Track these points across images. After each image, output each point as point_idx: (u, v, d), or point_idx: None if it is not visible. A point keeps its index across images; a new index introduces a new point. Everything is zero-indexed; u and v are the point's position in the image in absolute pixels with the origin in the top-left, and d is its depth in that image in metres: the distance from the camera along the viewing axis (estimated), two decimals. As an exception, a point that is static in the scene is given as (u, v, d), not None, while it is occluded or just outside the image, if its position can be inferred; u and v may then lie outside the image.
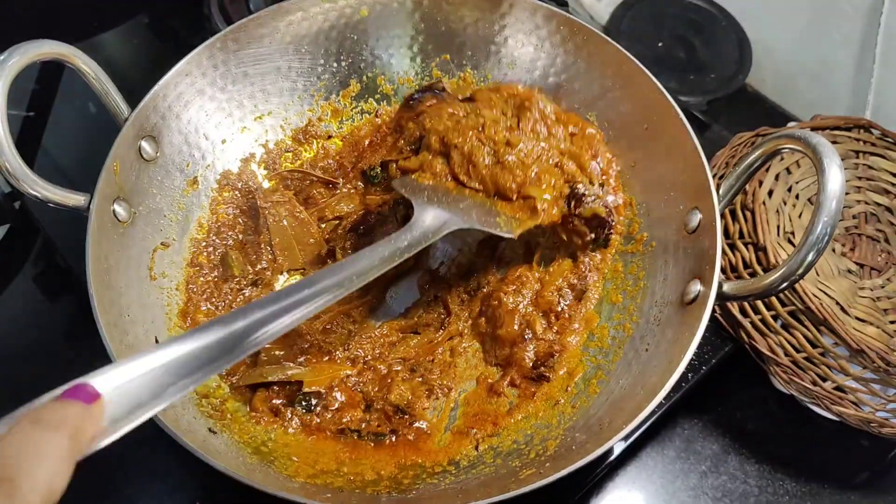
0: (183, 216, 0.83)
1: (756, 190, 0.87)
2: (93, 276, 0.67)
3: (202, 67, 0.83)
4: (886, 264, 0.89)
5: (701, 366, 0.85)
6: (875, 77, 1.07)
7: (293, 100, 0.92)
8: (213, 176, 0.87)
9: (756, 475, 0.84)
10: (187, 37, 1.10)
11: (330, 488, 0.66)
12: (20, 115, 1.03)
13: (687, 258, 0.75)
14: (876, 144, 0.94)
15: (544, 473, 0.60)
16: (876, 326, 0.81)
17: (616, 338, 0.79)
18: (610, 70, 0.86)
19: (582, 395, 0.75)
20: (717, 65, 1.13)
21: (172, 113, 0.81)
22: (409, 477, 0.70)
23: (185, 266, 0.82)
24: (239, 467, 0.61)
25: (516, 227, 0.74)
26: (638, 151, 0.85)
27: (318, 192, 0.90)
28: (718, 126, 1.13)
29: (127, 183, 0.75)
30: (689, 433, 0.86)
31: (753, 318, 0.83)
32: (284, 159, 0.92)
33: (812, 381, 0.80)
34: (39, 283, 0.92)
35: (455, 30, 0.93)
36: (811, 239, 0.60)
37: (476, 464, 0.71)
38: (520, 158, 0.76)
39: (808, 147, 0.62)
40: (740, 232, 0.86)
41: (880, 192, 0.93)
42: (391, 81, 0.95)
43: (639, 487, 0.82)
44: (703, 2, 1.18)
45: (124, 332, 0.68)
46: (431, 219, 0.71)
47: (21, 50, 0.66)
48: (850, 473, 0.86)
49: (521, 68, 0.92)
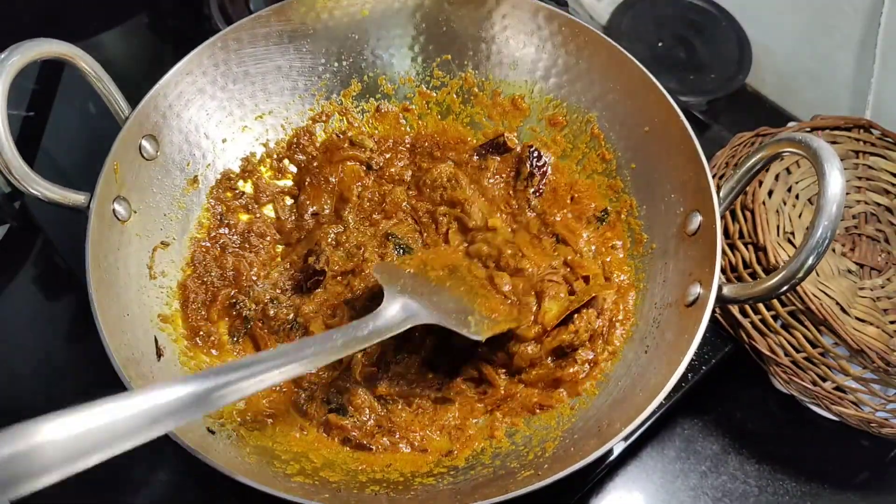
0: (183, 215, 0.83)
1: (756, 190, 0.87)
2: (92, 275, 0.67)
3: (203, 66, 0.83)
4: (886, 264, 0.89)
5: (701, 366, 0.85)
6: (875, 77, 1.07)
7: (294, 99, 0.92)
8: (213, 175, 0.87)
9: (756, 475, 0.84)
10: (187, 37, 1.10)
11: (329, 488, 0.66)
12: (20, 115, 1.03)
13: (687, 260, 0.75)
14: (876, 144, 0.94)
15: (543, 475, 0.60)
16: (876, 326, 0.81)
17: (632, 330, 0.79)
18: (611, 71, 0.86)
19: (581, 396, 0.75)
20: (717, 65, 1.13)
21: (173, 112, 0.81)
22: (409, 477, 0.70)
23: (184, 265, 0.82)
24: (238, 467, 0.61)
25: (487, 329, 0.73)
26: (638, 153, 0.85)
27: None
28: (718, 126, 1.13)
29: (127, 182, 0.75)
30: (689, 433, 0.86)
31: (753, 319, 0.83)
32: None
33: (812, 381, 0.80)
34: (39, 283, 0.92)
35: (456, 30, 0.93)
36: (811, 242, 0.60)
37: (475, 465, 0.71)
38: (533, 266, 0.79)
39: (808, 150, 0.62)
40: (740, 232, 0.86)
41: (880, 192, 0.93)
42: (392, 81, 0.95)
43: (639, 487, 0.82)
44: (703, 2, 1.18)
45: (123, 331, 0.68)
46: (397, 311, 0.69)
47: (21, 49, 0.66)
48: (850, 473, 0.86)
49: (523, 69, 0.92)
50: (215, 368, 0.55)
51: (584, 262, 0.82)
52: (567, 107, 0.91)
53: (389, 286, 0.71)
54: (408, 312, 0.69)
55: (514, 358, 0.75)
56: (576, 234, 0.85)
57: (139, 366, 0.67)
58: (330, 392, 0.75)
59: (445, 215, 0.87)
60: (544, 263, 0.80)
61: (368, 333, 0.66)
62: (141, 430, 0.48)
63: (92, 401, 0.46)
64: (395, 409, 0.75)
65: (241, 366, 0.55)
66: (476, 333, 0.71)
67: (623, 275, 0.82)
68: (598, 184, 0.88)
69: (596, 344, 0.77)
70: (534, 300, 0.77)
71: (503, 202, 0.89)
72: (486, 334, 0.72)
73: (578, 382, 0.75)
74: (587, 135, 0.90)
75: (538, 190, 0.89)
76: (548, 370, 0.76)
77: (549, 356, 0.77)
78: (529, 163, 0.89)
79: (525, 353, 0.75)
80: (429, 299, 0.73)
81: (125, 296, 0.72)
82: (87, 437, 0.44)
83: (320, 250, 0.82)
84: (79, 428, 0.44)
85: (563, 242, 0.84)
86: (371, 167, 0.92)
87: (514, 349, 0.75)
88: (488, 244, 0.82)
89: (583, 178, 0.90)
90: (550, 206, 0.89)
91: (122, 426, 0.47)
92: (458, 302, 0.75)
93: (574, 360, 0.76)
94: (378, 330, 0.66)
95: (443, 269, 0.79)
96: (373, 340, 0.66)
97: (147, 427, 0.49)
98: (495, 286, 0.78)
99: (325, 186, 0.90)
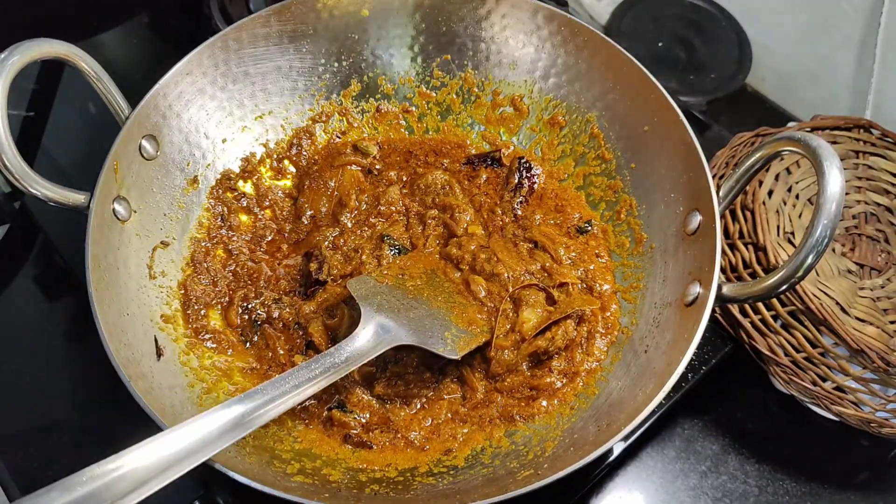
0: (183, 215, 0.83)
1: (756, 190, 0.87)
2: (92, 275, 0.67)
3: (203, 66, 0.83)
4: (886, 264, 0.89)
5: (701, 366, 0.85)
6: (875, 77, 1.07)
7: (294, 99, 0.92)
8: (213, 175, 0.87)
9: (756, 475, 0.84)
10: (187, 37, 1.10)
11: (329, 487, 0.66)
12: (20, 115, 1.03)
13: (686, 260, 0.75)
14: (876, 144, 0.94)
15: (542, 475, 0.60)
16: (876, 326, 0.81)
17: (617, 339, 0.79)
18: (611, 71, 0.86)
19: (580, 396, 0.75)
20: (717, 65, 1.13)
21: (173, 112, 0.81)
22: (409, 477, 0.70)
23: (184, 265, 0.82)
24: (238, 467, 0.61)
25: (463, 345, 0.73)
26: (638, 153, 0.85)
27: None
28: (718, 126, 1.13)
29: (127, 182, 0.76)
30: (689, 433, 0.86)
31: (753, 319, 0.83)
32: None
33: (812, 381, 0.80)
34: (39, 283, 0.92)
35: (456, 30, 0.93)
36: (811, 241, 0.60)
37: (475, 465, 0.71)
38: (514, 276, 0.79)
39: (807, 149, 0.62)
40: (740, 232, 0.86)
41: (880, 192, 0.93)
42: (392, 81, 0.95)
43: (639, 487, 0.82)
44: (703, 2, 1.18)
45: (123, 330, 0.68)
46: (372, 334, 0.70)
47: (21, 49, 0.66)
48: (850, 473, 0.85)
49: (523, 69, 0.93)
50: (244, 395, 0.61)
51: (563, 270, 0.82)
52: (567, 107, 0.91)
53: (366, 305, 0.72)
54: (385, 334, 0.71)
55: (492, 364, 0.76)
56: (555, 241, 0.85)
57: (139, 365, 0.67)
58: (329, 391, 0.75)
59: (434, 219, 0.87)
60: (519, 269, 0.80)
61: (346, 359, 0.67)
62: (187, 459, 0.55)
63: (130, 435, 0.54)
64: (393, 409, 0.75)
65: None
66: (452, 351, 0.72)
67: (606, 284, 0.83)
68: (599, 184, 0.89)
69: (574, 353, 0.78)
70: (510, 306, 0.78)
71: (487, 210, 0.89)
72: (463, 351, 0.73)
73: (555, 392, 0.76)
74: (587, 135, 0.90)
75: (525, 199, 0.89)
76: (524, 378, 0.77)
77: (525, 362, 0.77)
78: (518, 173, 0.89)
79: (502, 358, 0.76)
80: (406, 316, 0.74)
81: (125, 296, 0.72)
82: (149, 471, 0.52)
83: (322, 258, 0.83)
84: (142, 462, 0.52)
85: (541, 249, 0.84)
86: (371, 172, 0.92)
87: (491, 355, 0.76)
88: (460, 247, 0.83)
89: (573, 188, 0.90)
90: (531, 213, 0.89)
91: (174, 457, 0.54)
92: (436, 316, 0.75)
93: (549, 369, 0.77)
94: (355, 355, 0.68)
95: (420, 278, 0.80)
96: (351, 367, 0.67)
97: (196, 454, 0.56)
98: (472, 292, 0.79)
99: (324, 190, 0.90)
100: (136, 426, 0.58)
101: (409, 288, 0.78)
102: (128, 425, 0.57)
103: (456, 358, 0.72)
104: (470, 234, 0.85)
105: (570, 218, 0.89)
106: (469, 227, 0.86)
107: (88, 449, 0.78)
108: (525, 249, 0.84)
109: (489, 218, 0.89)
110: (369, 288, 0.76)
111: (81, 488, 0.49)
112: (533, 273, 0.81)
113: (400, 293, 0.76)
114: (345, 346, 0.68)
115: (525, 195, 0.89)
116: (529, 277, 0.80)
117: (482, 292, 0.79)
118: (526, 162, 0.90)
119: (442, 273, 0.82)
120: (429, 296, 0.78)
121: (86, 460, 0.51)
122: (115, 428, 0.62)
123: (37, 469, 0.77)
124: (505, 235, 0.87)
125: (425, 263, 0.83)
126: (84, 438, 0.80)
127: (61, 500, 0.48)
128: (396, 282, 0.78)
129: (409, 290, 0.77)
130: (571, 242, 0.86)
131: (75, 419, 0.82)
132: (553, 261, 0.83)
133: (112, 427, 0.78)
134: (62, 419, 0.81)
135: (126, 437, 0.54)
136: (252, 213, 0.88)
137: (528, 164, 0.90)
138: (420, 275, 0.80)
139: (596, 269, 0.84)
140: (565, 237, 0.87)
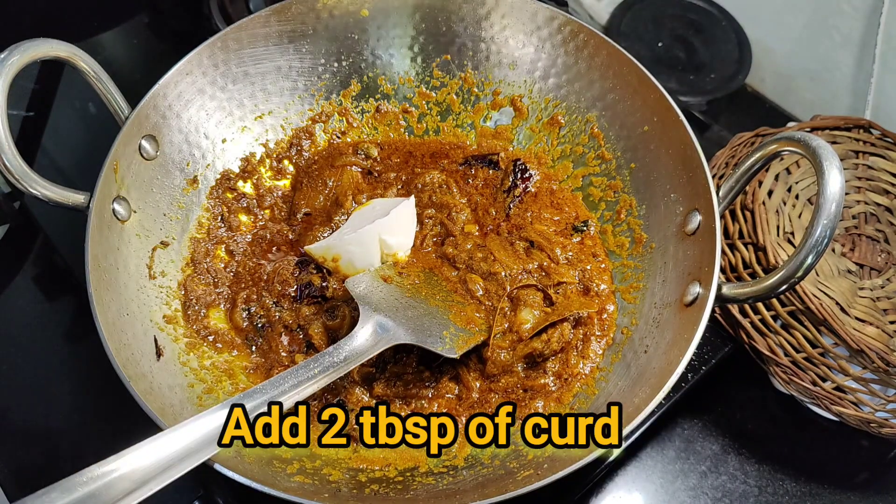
0: (183, 215, 0.83)
1: (756, 190, 0.87)
2: (92, 275, 0.67)
3: (203, 66, 0.83)
4: (886, 264, 0.89)
5: (701, 366, 0.85)
6: (875, 77, 1.07)
7: (294, 99, 0.92)
8: (213, 175, 0.87)
9: (756, 475, 0.84)
10: (187, 37, 1.10)
11: (329, 488, 0.66)
12: (20, 115, 1.03)
13: (686, 260, 0.75)
14: (876, 144, 0.94)
15: (542, 475, 0.60)
16: (876, 326, 0.81)
17: (614, 340, 0.79)
18: (610, 71, 0.86)
19: (580, 396, 0.75)
20: (717, 65, 1.13)
21: (173, 112, 0.81)
22: (408, 477, 0.70)
23: (184, 265, 0.82)
24: (238, 467, 0.61)
25: (461, 344, 0.73)
26: (638, 152, 0.85)
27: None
28: (718, 126, 1.13)
29: (127, 182, 0.76)
30: (689, 433, 0.86)
31: (753, 319, 0.83)
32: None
33: (812, 381, 0.80)
34: (39, 283, 0.92)
35: (456, 30, 0.93)
36: (810, 241, 0.60)
37: (474, 465, 0.71)
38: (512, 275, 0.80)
39: (807, 149, 0.62)
40: (740, 232, 0.86)
41: (880, 192, 0.93)
42: (392, 81, 0.95)
43: (639, 487, 0.82)
44: (703, 2, 1.18)
45: (123, 330, 0.68)
46: (372, 333, 0.70)
47: (21, 49, 0.66)
48: (850, 473, 0.86)
49: (522, 69, 0.93)
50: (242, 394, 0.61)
51: (561, 269, 0.82)
52: (566, 107, 0.91)
53: (364, 304, 0.72)
54: (384, 333, 0.71)
55: (487, 364, 0.76)
56: (551, 241, 0.85)
57: (139, 365, 0.67)
58: (328, 391, 0.75)
59: (431, 218, 0.87)
60: (517, 267, 0.80)
61: (345, 358, 0.67)
62: (187, 459, 0.55)
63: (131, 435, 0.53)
64: (392, 408, 0.75)
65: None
66: (450, 350, 0.72)
67: (603, 284, 0.83)
68: (599, 184, 0.89)
69: (569, 355, 0.78)
70: (508, 305, 0.78)
71: (482, 210, 0.89)
72: (462, 350, 0.73)
73: (550, 394, 0.76)
74: (586, 135, 0.90)
75: (520, 199, 0.89)
76: (518, 379, 0.77)
77: (520, 363, 0.77)
78: (514, 175, 0.90)
79: (498, 359, 0.76)
80: (404, 314, 0.74)
81: (125, 296, 0.72)
82: (149, 471, 0.53)
83: (324, 276, 0.82)
84: (142, 462, 0.52)
85: (538, 248, 0.85)
86: (371, 173, 0.92)
87: (488, 355, 0.76)
88: (456, 246, 0.83)
89: (570, 189, 0.90)
90: (526, 213, 0.89)
91: (174, 457, 0.55)
92: (434, 315, 0.75)
93: (544, 370, 0.77)
94: (354, 354, 0.68)
95: (418, 276, 0.80)
96: (351, 366, 0.67)
97: (196, 454, 0.56)
98: (469, 291, 0.79)
99: (321, 189, 0.90)
100: (136, 426, 0.58)
101: (407, 287, 0.78)
102: (128, 425, 0.57)
103: (455, 357, 0.72)
104: (466, 234, 0.85)
105: (567, 217, 0.89)
106: (465, 227, 0.86)
107: (88, 449, 0.79)
108: (521, 248, 0.85)
109: (485, 217, 0.89)
110: (367, 287, 0.76)
111: (81, 489, 0.49)
112: (531, 272, 0.81)
113: (398, 292, 0.76)
114: (343, 346, 0.68)
115: (520, 195, 0.89)
116: (527, 276, 0.80)
117: (479, 291, 0.79)
118: (522, 164, 0.90)
119: (439, 272, 0.82)
120: (427, 295, 0.78)
121: (86, 460, 0.51)
122: (115, 428, 0.62)
123: (37, 469, 0.77)
124: (500, 234, 0.87)
125: (423, 262, 0.83)
126: (84, 438, 0.80)
127: (61, 500, 0.48)
128: (394, 281, 0.78)
129: (407, 289, 0.77)
130: (568, 242, 0.86)
131: (75, 419, 0.82)
132: (550, 260, 0.83)
133: (112, 427, 0.78)
134: (62, 419, 0.82)
135: (126, 437, 0.54)
136: (252, 214, 0.88)
137: (523, 167, 0.90)
138: (418, 273, 0.80)
139: (593, 269, 0.84)
140: (561, 237, 0.87)
